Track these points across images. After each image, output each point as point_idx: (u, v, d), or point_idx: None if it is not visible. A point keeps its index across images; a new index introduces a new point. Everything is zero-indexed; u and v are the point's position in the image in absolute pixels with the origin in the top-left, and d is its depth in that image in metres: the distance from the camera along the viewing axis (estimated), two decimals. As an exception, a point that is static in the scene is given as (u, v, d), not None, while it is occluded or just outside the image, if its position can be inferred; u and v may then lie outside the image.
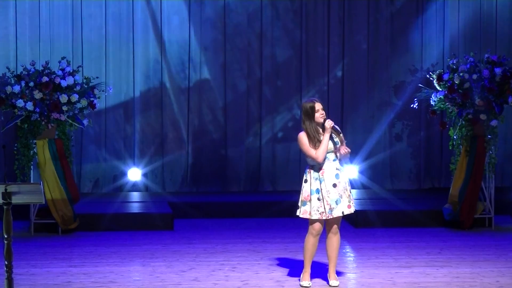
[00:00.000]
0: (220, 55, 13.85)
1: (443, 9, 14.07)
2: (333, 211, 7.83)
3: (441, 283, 8.23)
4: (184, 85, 13.79)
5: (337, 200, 7.84)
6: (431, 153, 14.19)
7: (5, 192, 6.75)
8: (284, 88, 14.00)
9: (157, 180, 13.74)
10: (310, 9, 13.94)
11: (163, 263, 9.17)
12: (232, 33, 13.88)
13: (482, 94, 11.03)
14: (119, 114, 13.70)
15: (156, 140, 13.80)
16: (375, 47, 14.07)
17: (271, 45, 13.94)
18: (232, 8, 13.84)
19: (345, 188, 7.89)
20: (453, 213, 11.37)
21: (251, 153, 13.97)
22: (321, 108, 7.84)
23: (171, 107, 13.81)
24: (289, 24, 13.96)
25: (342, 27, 13.99)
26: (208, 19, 13.79)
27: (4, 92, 10.77)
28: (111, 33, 13.57)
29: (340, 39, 13.99)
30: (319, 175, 7.85)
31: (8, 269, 6.88)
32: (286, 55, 14.01)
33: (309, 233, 7.94)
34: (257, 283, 8.23)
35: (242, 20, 13.89)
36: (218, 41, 13.85)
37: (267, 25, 13.91)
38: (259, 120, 13.94)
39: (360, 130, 13.99)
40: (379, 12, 14.06)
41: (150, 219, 11.51)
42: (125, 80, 13.65)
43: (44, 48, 13.28)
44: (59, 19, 13.37)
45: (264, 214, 12.33)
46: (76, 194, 11.18)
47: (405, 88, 13.92)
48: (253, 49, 13.92)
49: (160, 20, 13.68)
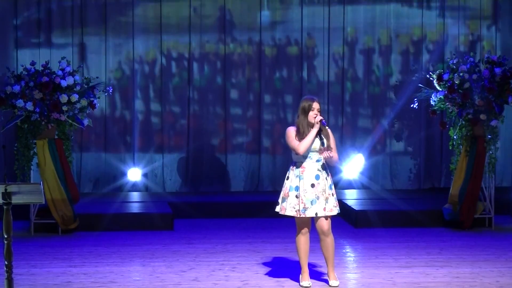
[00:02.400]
0: (221, 54, 13.84)
1: (444, 8, 14.05)
2: (307, 211, 7.83)
3: (441, 283, 8.23)
4: (184, 85, 13.78)
5: (313, 200, 7.83)
6: (431, 153, 14.18)
7: (5, 192, 6.74)
8: (285, 88, 13.99)
9: (157, 180, 13.73)
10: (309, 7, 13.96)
11: (163, 263, 9.17)
12: (232, 32, 13.87)
13: (482, 94, 11.03)
14: (119, 114, 13.69)
15: (156, 140, 13.79)
16: (375, 47, 14.06)
17: (272, 44, 13.92)
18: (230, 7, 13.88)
19: (324, 190, 7.86)
20: (453, 213, 11.37)
21: (251, 153, 13.96)
22: (317, 108, 7.85)
23: (171, 106, 13.81)
24: (290, 24, 13.96)
25: (342, 27, 13.98)
26: (208, 18, 13.80)
27: (4, 92, 10.77)
28: (111, 33, 13.57)
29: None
30: (299, 172, 7.87)
31: (8, 269, 6.88)
32: (287, 54, 14.00)
33: (297, 232, 7.98)
34: (257, 283, 8.22)
35: (242, 19, 13.88)
36: (218, 40, 13.84)
37: (267, 25, 13.91)
38: (260, 120, 13.93)
39: (360, 130, 13.98)
40: (380, 11, 14.06)
41: (150, 219, 11.51)
42: (125, 80, 13.65)
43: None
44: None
45: (264, 214, 12.31)
46: (76, 194, 11.18)
47: (405, 88, 13.91)
48: (254, 48, 13.91)
49: (160, 20, 13.67)
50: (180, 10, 13.81)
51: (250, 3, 13.91)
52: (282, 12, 14.00)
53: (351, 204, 12.15)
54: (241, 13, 13.92)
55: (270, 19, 13.97)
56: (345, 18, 14.00)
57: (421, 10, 14.08)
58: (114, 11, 13.62)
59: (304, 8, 13.92)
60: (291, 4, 13.99)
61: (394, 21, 14.09)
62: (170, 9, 13.81)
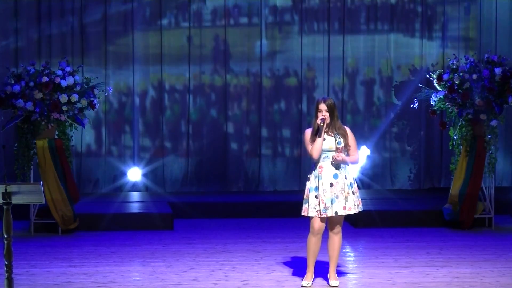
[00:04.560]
0: (220, 54, 13.83)
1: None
2: (327, 210, 7.85)
3: (441, 283, 8.23)
4: (184, 84, 13.78)
5: (332, 199, 7.85)
6: (431, 153, 14.18)
7: (5, 192, 6.75)
8: (285, 88, 13.98)
9: (157, 180, 13.73)
10: (310, 8, 13.93)
11: (163, 263, 9.17)
12: (232, 31, 13.86)
13: (482, 94, 11.03)
14: (119, 114, 13.69)
15: (156, 140, 13.79)
16: (375, 46, 14.06)
17: (272, 44, 13.91)
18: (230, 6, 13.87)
19: (343, 189, 7.89)
20: (453, 213, 11.37)
21: (251, 153, 13.95)
22: (324, 109, 7.87)
23: (172, 106, 13.80)
24: (289, 25, 13.95)
25: (342, 27, 13.97)
26: (207, 19, 13.78)
27: (4, 92, 10.77)
28: (111, 31, 13.58)
29: (340, 38, 13.97)
30: (318, 173, 7.90)
31: (8, 269, 6.88)
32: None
33: (310, 232, 7.97)
34: (257, 283, 8.23)
35: (242, 19, 13.86)
36: (218, 39, 13.84)
37: (267, 24, 13.90)
38: (260, 120, 13.92)
39: (360, 130, 13.97)
40: (380, 11, 14.04)
41: (150, 219, 11.50)
42: (125, 80, 13.64)
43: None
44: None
45: (264, 214, 12.33)
46: (76, 194, 11.18)
47: (405, 88, 13.91)
48: (253, 48, 13.91)
49: (160, 18, 13.67)
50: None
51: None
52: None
53: (351, 204, 12.13)
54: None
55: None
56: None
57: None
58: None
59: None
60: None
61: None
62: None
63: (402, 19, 14.04)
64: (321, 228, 7.93)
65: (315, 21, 13.91)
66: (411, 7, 14.06)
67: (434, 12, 14.04)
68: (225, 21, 13.69)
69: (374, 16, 13.98)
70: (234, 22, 13.81)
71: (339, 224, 7.99)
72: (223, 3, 13.72)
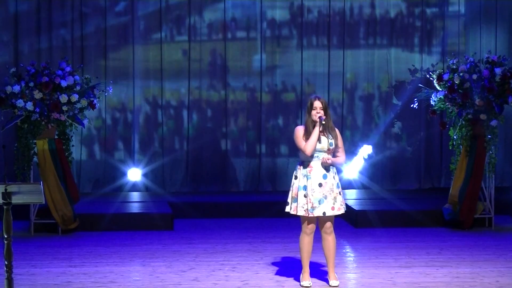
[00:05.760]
0: (220, 55, 13.83)
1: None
2: (315, 210, 7.86)
3: (441, 283, 8.23)
4: (184, 84, 13.78)
5: (320, 200, 7.85)
6: (431, 153, 14.18)
7: (5, 192, 6.75)
8: (285, 88, 13.99)
9: (157, 180, 13.73)
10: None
11: (163, 263, 9.17)
12: (232, 30, 13.87)
13: (482, 94, 11.03)
14: (119, 114, 13.70)
15: (156, 140, 13.80)
16: (375, 46, 14.06)
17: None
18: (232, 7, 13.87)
19: (332, 190, 7.89)
20: (453, 213, 11.37)
21: (251, 153, 13.96)
22: (319, 107, 7.88)
23: (172, 106, 13.81)
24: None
25: (343, 27, 13.98)
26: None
27: (4, 92, 10.77)
28: (110, 32, 13.59)
29: (340, 38, 13.98)
30: (307, 172, 7.90)
31: (8, 269, 6.88)
32: (287, 55, 14.00)
33: (302, 231, 7.99)
34: (257, 283, 8.23)
35: (242, 19, 13.88)
36: (217, 40, 13.85)
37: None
38: (260, 120, 13.93)
39: (360, 130, 13.98)
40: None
41: (150, 219, 11.51)
42: (125, 80, 13.65)
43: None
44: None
45: (264, 214, 12.33)
46: (76, 194, 11.18)
47: (405, 88, 13.91)
48: (253, 48, 13.91)
49: (160, 20, 13.68)
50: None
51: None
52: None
53: (351, 204, 12.15)
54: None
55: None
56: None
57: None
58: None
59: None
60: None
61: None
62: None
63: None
64: (313, 228, 7.95)
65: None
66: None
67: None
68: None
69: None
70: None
71: (331, 224, 7.98)
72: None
